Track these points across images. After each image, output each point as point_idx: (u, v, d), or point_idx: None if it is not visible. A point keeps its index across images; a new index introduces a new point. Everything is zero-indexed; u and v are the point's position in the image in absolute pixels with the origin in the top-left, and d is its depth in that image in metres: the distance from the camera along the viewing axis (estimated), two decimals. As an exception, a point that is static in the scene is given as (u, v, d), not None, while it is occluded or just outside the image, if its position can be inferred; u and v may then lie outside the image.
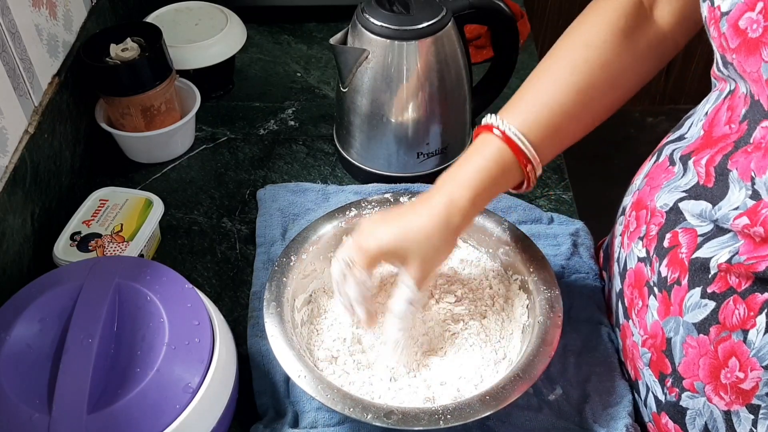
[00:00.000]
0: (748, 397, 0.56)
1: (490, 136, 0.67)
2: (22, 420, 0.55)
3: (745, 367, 0.56)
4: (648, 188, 0.67)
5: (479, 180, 0.65)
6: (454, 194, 0.65)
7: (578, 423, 0.67)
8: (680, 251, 0.60)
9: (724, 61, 0.58)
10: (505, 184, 0.68)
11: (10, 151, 0.76)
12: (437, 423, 0.60)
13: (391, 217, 0.67)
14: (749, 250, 0.54)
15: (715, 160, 0.58)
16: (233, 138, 1.00)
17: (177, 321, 0.61)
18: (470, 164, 0.66)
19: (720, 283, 0.57)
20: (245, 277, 0.82)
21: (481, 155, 0.66)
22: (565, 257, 0.80)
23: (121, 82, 0.89)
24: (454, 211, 0.65)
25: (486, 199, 0.67)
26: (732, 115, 0.58)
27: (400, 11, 0.83)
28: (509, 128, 0.66)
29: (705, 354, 0.58)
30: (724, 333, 0.57)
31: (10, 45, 0.76)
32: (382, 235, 0.65)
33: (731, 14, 0.54)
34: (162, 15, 1.04)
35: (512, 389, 0.62)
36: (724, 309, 0.57)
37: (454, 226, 0.65)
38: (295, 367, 0.64)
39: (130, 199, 0.84)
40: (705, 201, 0.58)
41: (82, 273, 0.64)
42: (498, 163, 0.66)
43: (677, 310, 0.60)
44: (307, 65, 1.13)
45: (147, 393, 0.57)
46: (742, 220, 0.54)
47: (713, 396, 0.59)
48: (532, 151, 0.66)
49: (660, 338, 0.63)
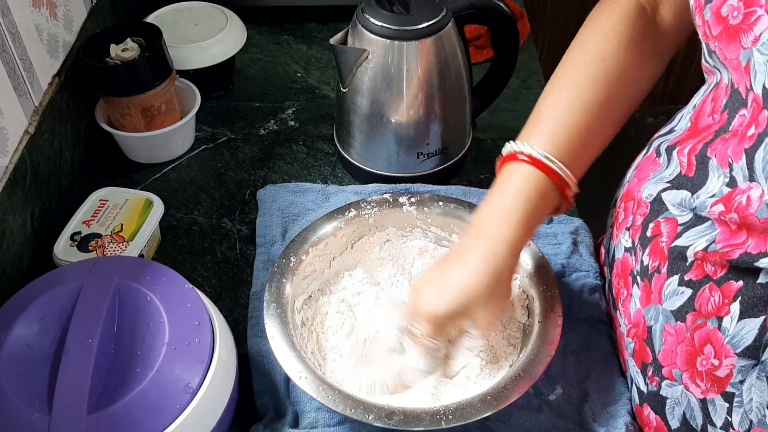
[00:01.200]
0: (723, 384, 0.57)
1: (519, 165, 0.63)
2: (22, 420, 0.55)
3: (720, 354, 0.56)
4: (636, 180, 0.68)
5: (522, 215, 0.62)
6: (502, 235, 0.62)
7: (578, 422, 0.67)
8: (661, 240, 0.61)
9: (708, 49, 0.58)
10: (546, 211, 0.65)
11: (10, 151, 0.76)
12: (439, 423, 0.60)
13: (446, 276, 0.63)
14: (725, 238, 0.55)
15: (696, 149, 0.59)
16: (233, 138, 1.00)
17: (177, 321, 0.61)
18: (507, 198, 0.63)
19: (696, 270, 0.58)
20: (245, 277, 0.82)
21: (517, 187, 0.63)
22: (565, 256, 0.81)
23: (121, 82, 0.89)
24: (506, 253, 0.62)
25: (531, 231, 0.64)
26: (715, 105, 0.59)
27: (400, 11, 0.83)
28: (538, 152, 0.63)
29: (682, 341, 0.59)
30: (699, 320, 0.57)
31: (10, 45, 0.76)
32: (446, 303, 0.62)
33: (714, 2, 0.54)
34: (162, 15, 1.04)
35: (513, 389, 0.62)
36: (700, 296, 0.57)
37: (510, 268, 0.63)
38: (296, 368, 0.64)
39: (130, 199, 0.84)
40: (685, 190, 0.59)
41: (82, 273, 0.64)
42: (536, 191, 0.63)
43: (657, 298, 0.61)
44: (307, 65, 1.13)
45: (147, 393, 0.57)
46: (717, 207, 0.55)
47: (690, 384, 0.59)
48: (566, 171, 0.63)
49: (642, 327, 0.64)
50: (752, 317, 0.54)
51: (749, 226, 0.53)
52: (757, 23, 0.51)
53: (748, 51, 0.52)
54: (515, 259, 0.64)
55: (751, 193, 0.52)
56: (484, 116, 0.99)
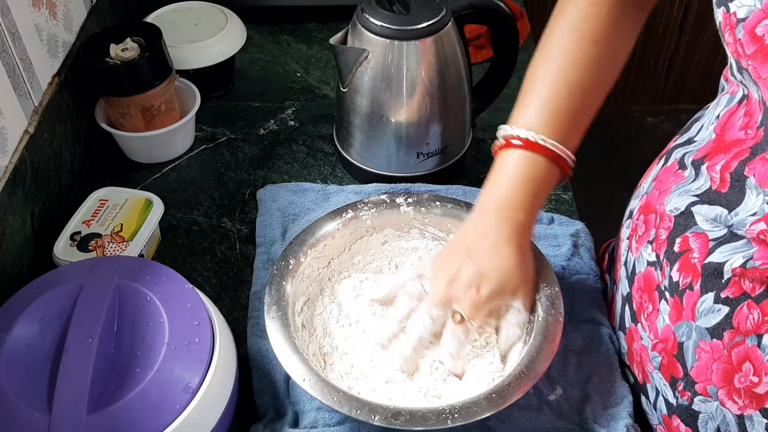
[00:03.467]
0: (762, 401, 0.56)
1: (516, 153, 0.67)
2: (22, 420, 0.55)
3: (759, 372, 0.56)
4: (657, 192, 0.67)
5: (532, 197, 0.66)
6: (515, 218, 0.66)
7: (578, 423, 0.67)
8: (692, 256, 0.60)
9: (738, 66, 0.57)
10: (550, 188, 0.69)
11: (10, 151, 0.76)
12: (445, 422, 0.60)
13: (474, 260, 0.66)
14: (764, 255, 0.54)
15: (730, 166, 0.58)
16: (233, 138, 1.00)
17: (177, 321, 0.61)
18: (517, 185, 0.66)
19: (734, 288, 0.57)
20: (245, 277, 0.82)
21: (524, 171, 0.66)
22: (565, 258, 0.80)
23: (121, 82, 0.89)
24: (523, 232, 0.67)
25: (539, 207, 0.68)
26: (750, 121, 0.58)
27: (400, 11, 0.83)
28: (535, 136, 0.66)
29: (718, 359, 0.58)
30: (737, 338, 0.57)
31: (9, 45, 0.76)
32: (488, 287, 0.66)
33: (748, 21, 0.53)
34: (162, 15, 1.04)
35: (518, 386, 0.62)
36: (737, 314, 0.57)
37: (529, 246, 0.68)
38: (299, 370, 0.64)
39: (130, 199, 0.84)
40: (720, 206, 0.58)
41: (82, 273, 0.64)
42: (540, 174, 0.66)
43: (690, 315, 0.60)
44: (307, 65, 1.13)
45: (147, 393, 0.57)
46: (758, 226, 0.54)
47: (726, 400, 0.59)
48: (561, 148, 0.66)
49: (671, 342, 0.63)
50: None
51: None
52: None
53: None
54: (530, 235, 0.68)
55: None
56: (484, 116, 0.98)
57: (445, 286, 0.67)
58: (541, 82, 0.68)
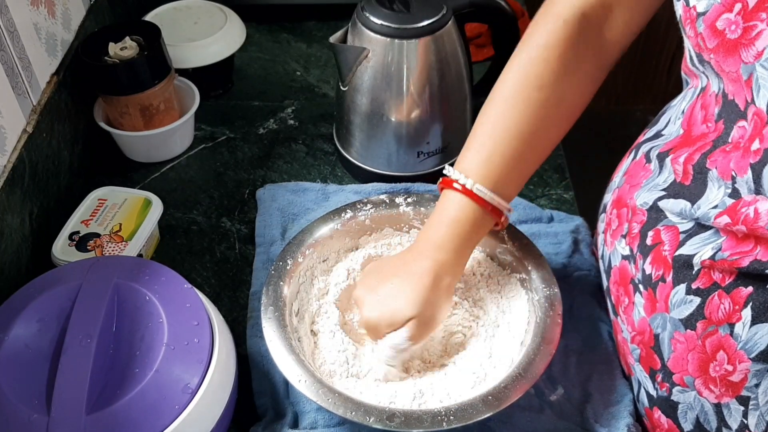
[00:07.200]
0: (738, 389, 0.57)
1: (455, 194, 0.67)
2: (21, 420, 0.55)
3: (734, 360, 0.56)
4: (627, 186, 0.67)
5: (457, 239, 0.67)
6: (438, 257, 0.66)
7: (579, 423, 0.67)
8: (663, 249, 0.61)
9: (699, 59, 0.58)
10: (480, 236, 0.69)
11: (8, 150, 0.76)
12: (440, 424, 0.60)
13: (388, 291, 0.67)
14: (732, 246, 0.55)
15: (693, 159, 0.58)
16: (232, 137, 1.00)
17: (176, 321, 0.61)
18: (444, 225, 0.67)
19: (704, 279, 0.57)
20: (244, 277, 0.82)
21: (452, 216, 0.67)
22: (566, 255, 0.80)
23: (120, 81, 0.88)
24: (441, 273, 0.66)
25: (468, 251, 0.69)
26: (706, 114, 0.59)
27: (401, 9, 0.83)
28: (472, 184, 0.66)
29: (693, 349, 0.59)
30: (710, 327, 0.57)
31: (8, 44, 0.76)
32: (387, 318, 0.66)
33: (708, 15, 0.53)
34: (161, 14, 1.03)
35: (514, 389, 0.62)
36: (709, 304, 0.57)
37: (445, 285, 0.67)
38: (295, 371, 0.64)
39: (129, 198, 0.83)
40: (684, 199, 0.59)
41: (80, 273, 0.64)
42: (469, 219, 0.67)
43: (663, 307, 0.61)
44: (307, 64, 1.13)
45: (146, 393, 0.57)
46: (723, 219, 0.55)
47: (703, 389, 0.59)
48: (498, 201, 0.67)
49: (648, 335, 0.63)
50: (764, 322, 0.54)
51: (758, 236, 0.53)
52: (758, 38, 0.50)
53: (750, 65, 0.51)
54: (455, 279, 0.68)
55: (758, 206, 0.52)
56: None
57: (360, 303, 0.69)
58: (482, 128, 0.68)
